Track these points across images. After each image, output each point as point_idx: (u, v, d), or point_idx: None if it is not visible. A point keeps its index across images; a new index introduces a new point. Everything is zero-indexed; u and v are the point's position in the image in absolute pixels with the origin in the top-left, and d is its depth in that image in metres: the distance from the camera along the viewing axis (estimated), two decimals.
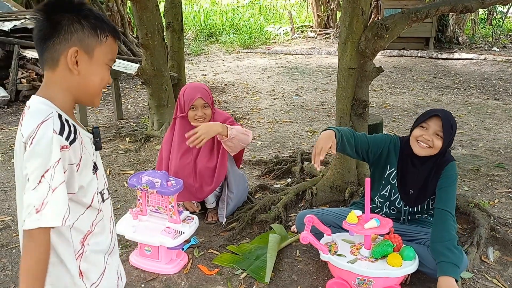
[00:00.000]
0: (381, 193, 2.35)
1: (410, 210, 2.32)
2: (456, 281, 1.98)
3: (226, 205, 2.85)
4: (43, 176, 1.03)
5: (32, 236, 1.05)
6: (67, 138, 1.09)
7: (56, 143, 1.05)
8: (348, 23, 2.78)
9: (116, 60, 5.24)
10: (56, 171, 1.05)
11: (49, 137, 1.05)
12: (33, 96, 1.16)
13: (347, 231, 2.13)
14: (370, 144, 2.30)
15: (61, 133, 1.07)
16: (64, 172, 1.08)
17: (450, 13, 11.19)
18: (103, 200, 1.25)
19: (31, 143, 1.04)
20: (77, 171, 1.13)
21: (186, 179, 2.63)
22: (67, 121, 1.12)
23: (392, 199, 2.33)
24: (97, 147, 1.23)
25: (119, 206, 3.16)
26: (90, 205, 1.19)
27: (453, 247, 2.02)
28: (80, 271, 1.18)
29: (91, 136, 1.22)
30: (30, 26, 6.60)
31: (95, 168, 1.20)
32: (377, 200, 2.38)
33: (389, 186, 2.33)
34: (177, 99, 2.82)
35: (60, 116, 1.10)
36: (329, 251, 2.13)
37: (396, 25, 2.74)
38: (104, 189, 1.25)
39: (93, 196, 1.20)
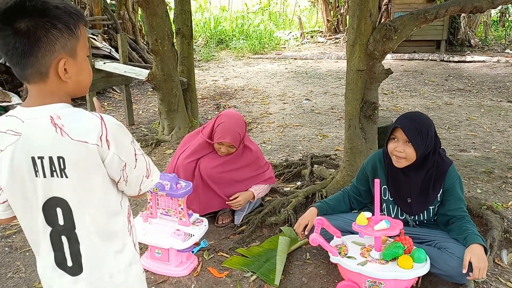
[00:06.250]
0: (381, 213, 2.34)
1: (416, 218, 2.30)
2: (486, 252, 1.98)
3: (245, 209, 2.91)
4: (135, 154, 1.15)
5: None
6: None
7: (123, 126, 1.14)
8: (356, 25, 2.78)
9: (128, 66, 5.25)
10: (136, 142, 1.18)
11: (119, 124, 1.12)
12: (38, 107, 1.06)
13: (357, 233, 2.12)
14: (358, 186, 2.44)
15: None
16: None
17: (461, 16, 11.11)
18: None
19: (107, 140, 1.07)
20: None
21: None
22: None
23: (393, 215, 2.31)
24: None
25: None
26: None
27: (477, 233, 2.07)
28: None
29: None
30: None
31: None
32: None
33: (385, 204, 2.33)
34: (212, 122, 2.85)
35: None
36: (339, 253, 2.12)
37: (404, 26, 2.73)
38: None
39: None
